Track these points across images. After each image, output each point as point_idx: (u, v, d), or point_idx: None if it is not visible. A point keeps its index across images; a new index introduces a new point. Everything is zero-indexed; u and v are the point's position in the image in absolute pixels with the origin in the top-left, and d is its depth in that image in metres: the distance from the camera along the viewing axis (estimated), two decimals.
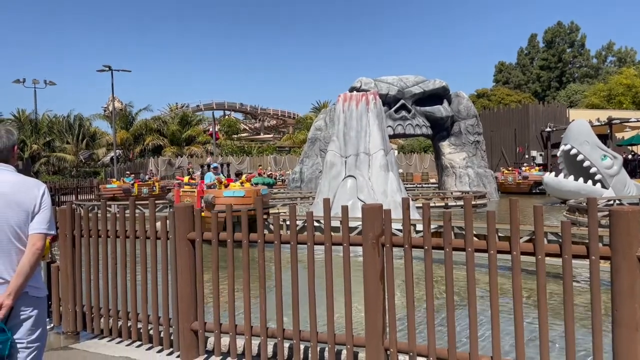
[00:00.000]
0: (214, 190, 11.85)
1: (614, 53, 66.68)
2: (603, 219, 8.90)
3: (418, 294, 4.10)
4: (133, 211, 4.31)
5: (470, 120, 24.61)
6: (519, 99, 55.27)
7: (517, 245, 2.82)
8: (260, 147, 52.07)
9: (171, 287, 3.91)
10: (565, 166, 18.36)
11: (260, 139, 61.42)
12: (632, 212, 2.55)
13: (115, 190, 22.98)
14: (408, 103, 22.91)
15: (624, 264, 2.51)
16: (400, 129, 22.93)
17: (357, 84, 22.62)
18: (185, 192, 13.13)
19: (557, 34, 65.28)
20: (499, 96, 57.45)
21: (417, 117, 23.23)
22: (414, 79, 23.58)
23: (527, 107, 38.00)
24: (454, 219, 7.54)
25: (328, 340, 3.36)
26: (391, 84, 23.02)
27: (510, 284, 2.86)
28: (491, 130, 36.38)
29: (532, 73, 66.17)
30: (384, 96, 21.41)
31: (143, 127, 46.49)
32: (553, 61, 64.55)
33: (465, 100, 25.13)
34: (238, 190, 11.78)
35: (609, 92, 49.62)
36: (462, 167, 24.02)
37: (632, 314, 2.48)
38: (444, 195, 20.66)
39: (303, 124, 55.11)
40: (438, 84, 23.48)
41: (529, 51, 68.78)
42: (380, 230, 3.21)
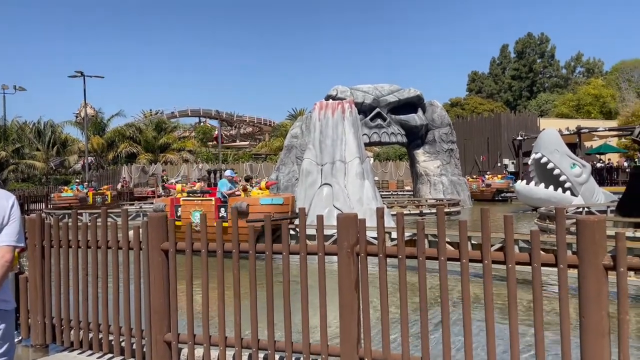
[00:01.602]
0: (249, 199, 10.92)
1: (582, 64, 68.55)
2: (572, 226, 9.11)
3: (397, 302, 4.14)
4: (105, 221, 4.24)
5: (444, 128, 24.97)
6: (491, 107, 56.32)
7: (489, 254, 2.87)
8: (236, 154, 51.81)
9: (144, 298, 3.85)
10: (536, 174, 18.75)
11: (236, 146, 61.09)
12: (598, 221, 2.62)
13: (70, 200, 21.83)
14: (383, 111, 23.13)
15: (590, 272, 2.58)
16: (375, 137, 23.13)
17: (333, 92, 22.75)
18: (188, 200, 11.57)
19: (527, 45, 66.85)
20: (472, 105, 58.43)
21: (393, 126, 23.46)
22: (389, 88, 23.82)
23: (499, 116, 38.77)
24: (429, 227, 7.64)
25: (303, 350, 3.36)
26: (367, 92, 23.21)
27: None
28: (465, 138, 36.93)
29: (504, 82, 67.54)
30: (360, 104, 21.57)
31: (116, 134, 45.78)
32: (524, 71, 66.03)
33: (439, 109, 25.50)
34: (277, 198, 11.09)
35: (578, 102, 50.94)
36: (437, 174, 24.32)
37: (598, 320, 2.55)
38: (418, 203, 20.87)
39: (279, 132, 55.07)
40: (413, 93, 23.77)
41: (500, 61, 70.22)
42: (355, 240, 3.23)
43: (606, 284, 2.59)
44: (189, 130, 60.12)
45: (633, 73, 54.03)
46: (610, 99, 49.78)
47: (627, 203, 12.78)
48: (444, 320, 2.95)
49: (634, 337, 4.79)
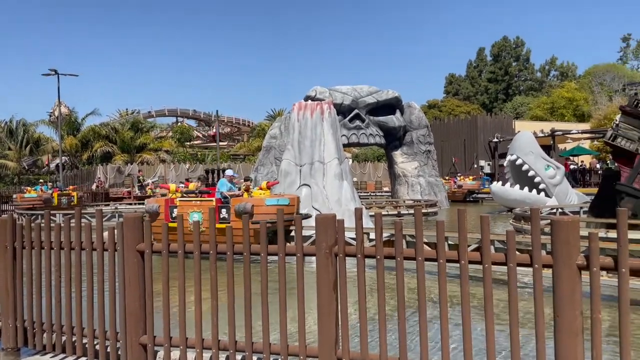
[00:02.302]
0: (253, 199, 10.54)
1: (556, 67, 69.92)
2: (547, 226, 9.27)
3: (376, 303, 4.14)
4: (79, 221, 4.15)
5: (421, 130, 25.20)
6: (468, 110, 57.02)
7: (465, 254, 2.90)
8: (214, 154, 51.41)
9: (119, 300, 3.79)
10: (511, 175, 19.04)
11: (213, 146, 60.61)
12: (572, 222, 2.67)
13: (34, 200, 21.02)
14: (362, 113, 23.23)
15: (564, 272, 2.62)
16: (354, 138, 23.22)
17: (312, 92, 22.77)
18: (185, 201, 10.93)
19: (503, 49, 67.91)
20: (449, 107, 59.08)
21: (371, 127, 23.58)
22: (368, 89, 23.94)
23: (476, 118, 39.31)
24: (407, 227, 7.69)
25: (281, 352, 3.35)
26: (345, 93, 23.29)
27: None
28: (442, 140, 37.34)
29: (481, 85, 68.49)
30: (339, 105, 21.64)
31: (91, 133, 44.99)
32: (500, 74, 67.06)
33: (417, 111, 25.73)
34: (282, 199, 10.71)
35: (552, 105, 51.93)
36: (414, 176, 24.52)
37: (572, 320, 2.59)
38: (396, 204, 21.01)
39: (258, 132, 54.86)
40: (391, 95, 23.94)
41: (477, 64, 71.18)
42: (334, 240, 3.23)
43: (580, 284, 2.64)
44: (166, 130, 59.49)
45: (605, 77, 55.29)
46: (583, 102, 50.87)
47: (599, 204, 13.07)
48: (421, 320, 2.97)
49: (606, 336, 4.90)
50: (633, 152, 11.80)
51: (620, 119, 12.42)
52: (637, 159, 11.65)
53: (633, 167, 11.65)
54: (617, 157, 12.51)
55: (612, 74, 55.16)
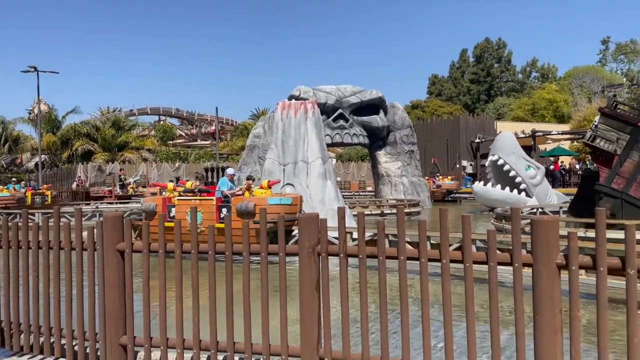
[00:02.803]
0: (255, 198, 10.29)
1: (537, 69, 70.82)
2: (527, 226, 9.39)
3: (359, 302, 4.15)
4: (57, 221, 4.09)
5: (405, 130, 25.34)
6: (450, 110, 57.49)
7: (447, 254, 2.92)
8: (198, 153, 51.07)
9: (98, 301, 3.73)
10: (493, 176, 19.26)
11: (197, 145, 60.22)
12: (552, 221, 2.70)
13: (6, 200, 20.33)
14: (346, 112, 23.27)
15: (544, 272, 2.65)
16: (338, 138, 23.25)
17: (296, 92, 22.75)
18: (183, 200, 10.63)
19: (485, 50, 68.60)
20: (432, 107, 59.50)
21: (355, 127, 23.64)
22: (352, 89, 24.00)
23: (458, 119, 39.65)
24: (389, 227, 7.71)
25: (263, 352, 3.33)
26: (329, 93, 23.31)
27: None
28: (425, 140, 37.57)
29: (463, 86, 69.08)
30: (323, 105, 21.65)
31: (71, 131, 44.31)
32: (482, 75, 67.72)
33: (401, 111, 25.87)
34: (285, 198, 10.52)
35: (533, 106, 52.62)
36: (397, 175, 24.64)
37: (552, 318, 2.62)
38: (380, 203, 21.09)
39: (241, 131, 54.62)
40: (375, 95, 24.03)
41: (460, 65, 71.78)
42: (317, 240, 3.22)
43: (559, 282, 2.67)
44: (149, 129, 58.92)
45: (585, 79, 56.16)
46: (563, 103, 51.62)
47: (578, 204, 13.30)
48: (403, 319, 2.98)
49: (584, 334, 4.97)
50: (611, 152, 12.02)
51: (599, 120, 12.65)
52: (616, 160, 11.86)
53: (611, 167, 11.86)
54: (596, 158, 12.74)
55: (591, 76, 56.07)
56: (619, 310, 5.77)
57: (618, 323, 4.47)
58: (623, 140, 11.92)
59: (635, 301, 2.53)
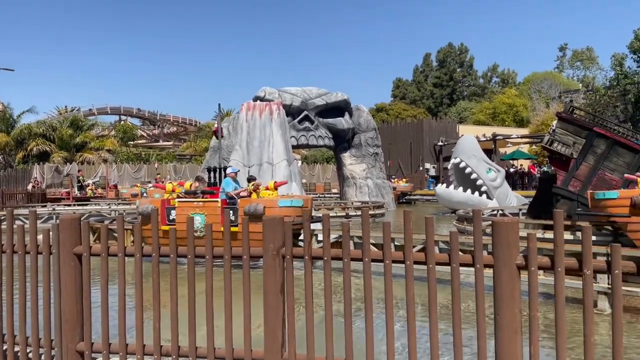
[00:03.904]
0: (264, 200, 9.96)
1: (498, 74, 72.73)
2: (488, 227, 9.59)
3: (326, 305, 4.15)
4: (11, 223, 3.93)
5: (369, 133, 25.56)
6: (414, 113, 58.34)
7: (410, 255, 2.95)
8: (159, 154, 50.13)
9: (54, 306, 3.60)
10: (455, 178, 19.62)
11: (159, 146, 59.14)
12: (512, 222, 2.76)
13: None
14: (311, 114, 23.31)
15: (504, 272, 2.71)
16: (303, 140, 23.26)
17: (261, 93, 22.64)
18: (185, 202, 10.24)
19: (448, 55, 69.97)
20: (396, 110, 60.24)
21: (320, 129, 23.70)
22: (317, 91, 24.07)
23: (422, 122, 40.28)
24: (354, 228, 7.75)
25: (226, 356, 3.28)
26: (295, 94, 23.30)
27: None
28: (389, 143, 37.98)
29: (427, 90, 70.24)
30: (288, 107, 21.62)
31: (26, 131, 42.75)
32: (445, 79, 69.03)
33: (365, 114, 26.10)
34: (296, 200, 10.21)
35: (494, 110, 54.00)
36: (362, 177, 24.83)
37: (512, 318, 2.68)
38: (345, 205, 21.19)
39: (205, 132, 53.96)
40: (340, 97, 24.16)
41: (423, 69, 72.96)
42: (281, 242, 3.20)
43: (519, 283, 2.73)
44: (109, 129, 57.48)
45: (543, 84, 58.03)
46: (523, 108, 53.19)
47: (536, 206, 13.69)
48: (367, 320, 2.99)
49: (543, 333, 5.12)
50: (568, 156, 12.44)
51: (557, 124, 13.07)
52: (572, 163, 12.29)
53: (568, 170, 12.27)
54: (554, 161, 13.15)
55: (549, 81, 57.99)
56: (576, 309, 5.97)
57: (577, 322, 4.61)
58: (579, 144, 12.35)
59: (591, 300, 2.61)
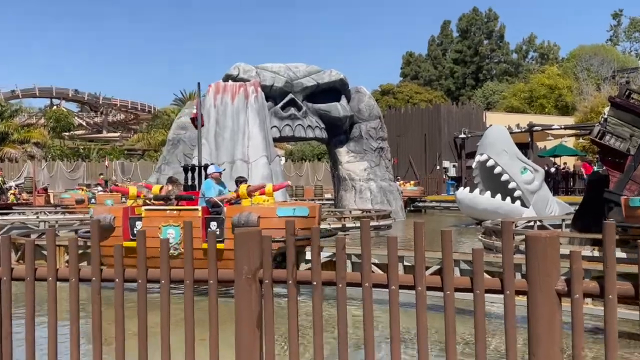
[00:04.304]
0: (259, 208, 9.63)
1: (535, 48, 73.04)
2: (522, 243, 9.63)
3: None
4: None
5: (372, 122, 25.60)
6: (429, 97, 58.57)
7: (423, 279, 2.96)
8: (102, 149, 49.92)
9: None
10: (480, 180, 19.65)
11: (102, 138, 58.93)
12: (550, 237, 2.77)
13: None
14: (298, 98, 23.31)
15: (542, 300, 2.72)
16: (288, 131, 23.24)
17: (234, 71, 22.62)
18: (154, 211, 9.89)
19: (473, 23, 70.17)
20: (406, 93, 60.42)
21: (310, 117, 23.71)
22: (306, 69, 24.08)
23: (439, 108, 40.33)
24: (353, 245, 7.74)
25: None
26: (277, 73, 23.29)
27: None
28: (397, 135, 38.00)
29: (445, 67, 70.45)
30: (268, 88, 21.60)
31: None
32: (468, 54, 69.24)
33: (367, 98, 26.13)
34: (300, 208, 9.91)
35: (530, 94, 54.19)
36: (363, 179, 24.85)
37: (551, 358, 2.69)
38: (341, 215, 21.20)
39: (162, 121, 53.77)
40: (335, 76, 24.18)
41: (441, 41, 73.20)
42: (258, 262, 3.20)
43: (559, 314, 2.74)
44: (37, 117, 57.16)
45: (592, 61, 58.29)
46: (567, 90, 53.44)
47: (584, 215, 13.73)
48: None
49: None
50: (624, 152, 12.46)
51: (609, 112, 13.12)
52: (629, 161, 12.31)
53: (624, 171, 12.29)
54: (606, 159, 13.18)
55: (600, 57, 58.25)
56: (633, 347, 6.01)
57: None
58: (638, 137, 12.39)
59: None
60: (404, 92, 61.63)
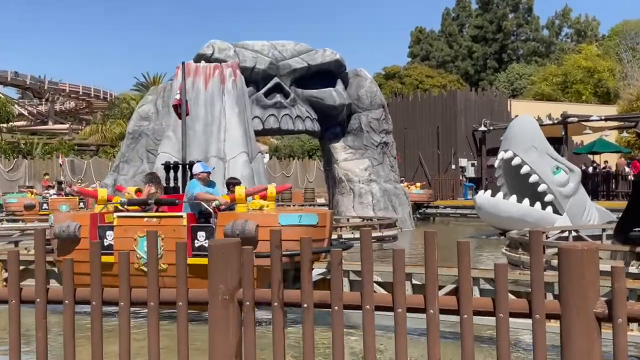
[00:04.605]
0: (257, 215, 9.39)
1: (570, 23, 73.25)
2: (554, 257, 9.65)
3: None
4: None
5: (375, 111, 25.58)
6: (443, 82, 58.66)
7: (435, 300, 2.96)
8: (48, 144, 49.71)
9: None
10: (505, 182, 19.68)
11: (47, 131, 58.66)
12: (590, 250, 2.77)
13: None
14: (285, 83, 23.28)
15: (577, 326, 2.72)
16: (273, 122, 23.19)
17: (208, 49, 22.53)
18: (127, 218, 9.71)
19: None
20: (415, 77, 60.50)
21: (299, 105, 23.68)
22: (294, 48, 24.05)
23: (455, 95, 40.31)
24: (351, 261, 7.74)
25: None
26: (260, 52, 23.25)
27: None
28: (405, 127, 38.04)
29: (462, 46, 70.56)
30: (249, 70, 21.57)
31: None
32: (490, 30, 69.37)
33: (368, 83, 26.11)
34: (307, 215, 9.58)
35: (564, 78, 54.20)
36: (364, 180, 24.84)
37: None
38: (337, 224, 21.18)
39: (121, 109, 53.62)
40: (329, 57, 24.15)
41: (457, 15, 73.37)
42: (237, 281, 3.20)
43: (599, 341, 2.76)
44: None
45: (639, 39, 58.43)
46: (608, 74, 53.45)
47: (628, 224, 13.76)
48: None
49: None
50: None
51: None
52: None
53: None
54: None
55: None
56: None
57: None
58: None
59: None
60: (412, 75, 61.67)
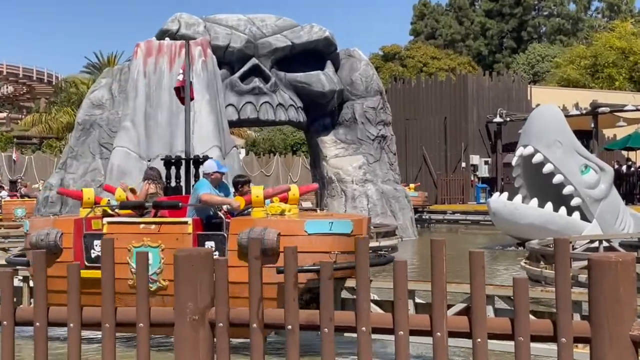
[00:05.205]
0: (278, 221, 9.08)
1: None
2: (583, 272, 9.71)
3: None
4: None
5: (371, 99, 25.60)
6: (452, 65, 58.72)
7: (443, 321, 2.97)
8: None
9: None
10: (524, 182, 19.73)
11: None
12: (623, 262, 2.79)
13: None
14: (265, 65, 23.28)
15: (609, 350, 2.74)
16: (250, 111, 23.17)
17: (174, 24, 22.49)
18: (120, 224, 9.58)
19: None
20: (419, 59, 60.57)
21: (281, 91, 23.68)
22: (276, 23, 24.06)
23: (466, 80, 40.34)
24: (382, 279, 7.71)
25: None
26: (235, 28, 23.23)
27: None
28: (407, 117, 38.08)
29: (474, 22, 70.75)
30: (223, 50, 21.55)
31: None
32: (507, 4, 69.57)
33: (364, 65, 26.13)
34: (340, 221, 9.26)
35: (594, 61, 54.40)
36: (358, 181, 24.84)
37: None
38: None
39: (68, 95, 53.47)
40: (317, 34, 24.14)
41: None
42: (209, 298, 3.21)
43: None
44: None
45: None
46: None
47: None
48: None
49: None
50: None
51: None
52: None
53: None
54: None
55: None
56: None
57: None
58: None
59: None
60: (415, 57, 61.77)
